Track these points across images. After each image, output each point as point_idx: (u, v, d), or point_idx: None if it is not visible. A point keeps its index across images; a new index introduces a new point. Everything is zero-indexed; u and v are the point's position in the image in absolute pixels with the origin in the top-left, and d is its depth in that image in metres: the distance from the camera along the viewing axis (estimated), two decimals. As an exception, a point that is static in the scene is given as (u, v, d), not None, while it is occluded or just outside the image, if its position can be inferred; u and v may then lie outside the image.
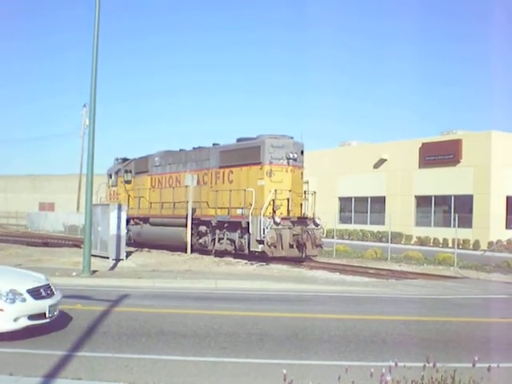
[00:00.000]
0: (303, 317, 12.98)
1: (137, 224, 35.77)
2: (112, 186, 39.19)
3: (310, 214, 28.15)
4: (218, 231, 29.39)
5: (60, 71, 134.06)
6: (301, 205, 28.05)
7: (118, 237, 25.13)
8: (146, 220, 35.07)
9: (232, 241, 28.50)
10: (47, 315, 9.98)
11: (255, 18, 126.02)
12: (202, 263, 25.80)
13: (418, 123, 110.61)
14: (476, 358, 5.69)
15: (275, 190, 26.27)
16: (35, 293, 9.96)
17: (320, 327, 11.70)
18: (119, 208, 25.77)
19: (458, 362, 7.65)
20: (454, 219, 28.99)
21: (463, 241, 39.43)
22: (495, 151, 41.76)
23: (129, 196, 36.98)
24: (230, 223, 28.45)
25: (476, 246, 39.81)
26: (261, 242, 25.85)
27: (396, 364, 5.66)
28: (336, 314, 13.66)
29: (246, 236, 27.16)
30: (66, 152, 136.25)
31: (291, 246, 26.32)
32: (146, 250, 33.20)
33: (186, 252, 29.53)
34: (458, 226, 29.41)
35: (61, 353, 8.89)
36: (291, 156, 27.18)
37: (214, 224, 29.38)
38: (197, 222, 30.62)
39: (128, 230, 35.61)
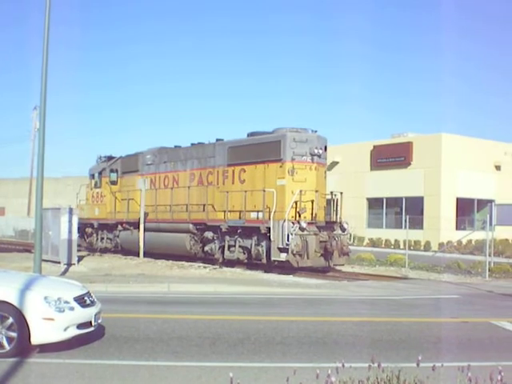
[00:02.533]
0: (256, 319, 13.00)
1: (126, 230, 32.30)
2: (95, 187, 35.64)
3: (333, 218, 25.53)
4: (227, 237, 26.08)
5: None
6: (324, 207, 25.36)
7: (70, 241, 24.76)
8: (137, 225, 30.92)
9: (245, 248, 25.36)
10: (93, 323, 9.81)
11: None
12: (155, 267, 25.65)
13: (370, 126, 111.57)
14: (420, 358, 5.78)
15: (300, 191, 23.25)
16: (81, 301, 9.77)
17: (273, 329, 11.74)
18: (70, 212, 25.42)
19: (408, 361, 7.75)
20: (406, 221, 29.30)
21: (414, 242, 39.92)
22: (445, 153, 42.39)
23: (115, 198, 33.47)
24: (245, 229, 25.17)
25: (427, 247, 40.33)
26: (283, 250, 22.87)
27: (343, 365, 5.71)
28: (289, 316, 13.72)
29: (263, 243, 24.09)
30: (19, 155, 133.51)
31: (316, 255, 23.36)
32: (98, 254, 32.82)
33: (187, 260, 27.81)
34: (410, 228, 29.77)
35: (10, 359, 8.75)
36: (315, 152, 24.05)
37: (223, 229, 26.00)
38: (201, 228, 27.57)
39: (115, 236, 33.40)
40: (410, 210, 42.05)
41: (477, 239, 35.68)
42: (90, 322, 9.74)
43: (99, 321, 10.13)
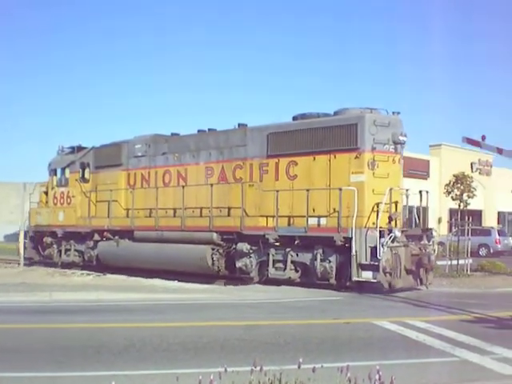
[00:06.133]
0: (141, 326, 12.87)
1: (107, 239, 26.03)
2: (60, 185, 28.99)
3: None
4: (273, 251, 20.51)
5: None
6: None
7: None
8: (124, 234, 25.39)
9: (300, 265, 20.23)
10: None
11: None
12: (37, 275, 24.94)
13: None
14: (301, 360, 5.92)
15: (390, 190, 18.51)
16: None
17: (158, 336, 11.65)
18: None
19: (293, 363, 7.89)
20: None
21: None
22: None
23: (89, 200, 27.17)
24: (303, 239, 19.71)
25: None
26: (367, 267, 18.11)
27: (226, 369, 5.76)
28: (175, 322, 13.68)
29: (332, 258, 18.99)
30: None
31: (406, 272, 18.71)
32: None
33: (205, 278, 22.54)
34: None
35: None
36: (400, 139, 19.17)
37: (271, 240, 20.30)
38: (229, 238, 21.91)
39: (88, 248, 27.21)
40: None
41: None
42: None
43: None
